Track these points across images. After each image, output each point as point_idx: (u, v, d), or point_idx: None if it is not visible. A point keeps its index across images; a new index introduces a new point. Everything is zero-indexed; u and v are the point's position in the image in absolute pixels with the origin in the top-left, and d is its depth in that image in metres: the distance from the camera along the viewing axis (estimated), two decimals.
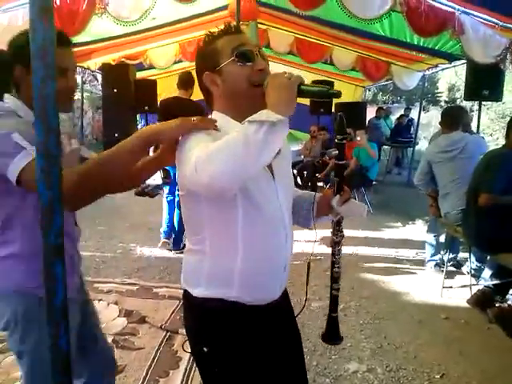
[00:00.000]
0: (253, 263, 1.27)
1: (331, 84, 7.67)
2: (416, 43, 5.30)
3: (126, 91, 7.90)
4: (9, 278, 1.39)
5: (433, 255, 4.30)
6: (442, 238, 4.29)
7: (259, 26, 6.59)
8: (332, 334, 1.56)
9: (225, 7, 5.66)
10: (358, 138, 6.63)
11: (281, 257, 1.34)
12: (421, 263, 4.48)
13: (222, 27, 1.32)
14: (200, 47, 1.35)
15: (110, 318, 3.19)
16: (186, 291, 1.35)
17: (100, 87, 11.01)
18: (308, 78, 8.75)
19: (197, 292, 1.30)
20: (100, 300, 3.46)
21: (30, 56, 1.22)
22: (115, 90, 7.80)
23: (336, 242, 1.49)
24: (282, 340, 1.44)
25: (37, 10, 0.92)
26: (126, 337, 2.94)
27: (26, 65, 1.22)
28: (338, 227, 1.48)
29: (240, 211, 1.22)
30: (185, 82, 4.47)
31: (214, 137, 1.16)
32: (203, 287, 1.29)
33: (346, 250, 4.80)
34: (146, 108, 7.59)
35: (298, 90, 1.14)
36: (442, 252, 4.31)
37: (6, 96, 1.39)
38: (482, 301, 3.41)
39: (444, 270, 3.85)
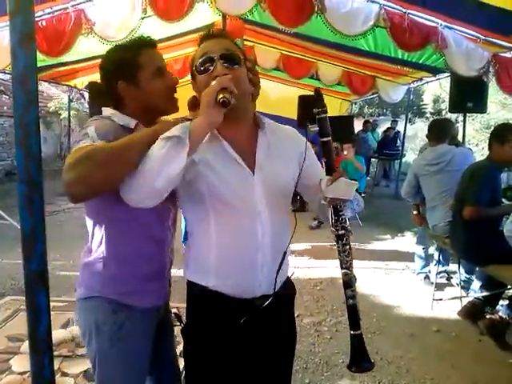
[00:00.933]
0: (225, 258, 1.32)
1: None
2: (400, 57, 5.37)
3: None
4: (92, 283, 1.43)
5: (422, 267, 4.31)
6: (432, 250, 4.31)
7: (245, 42, 6.66)
8: (356, 358, 1.31)
9: (211, 25, 5.71)
10: (345, 152, 6.66)
11: (254, 254, 1.31)
12: (411, 275, 4.49)
13: (201, 36, 1.37)
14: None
15: None
16: None
17: (87, 105, 11.02)
18: (294, 92, 8.85)
19: (187, 274, 1.41)
20: None
21: (131, 69, 1.36)
22: (102, 108, 7.80)
23: (338, 235, 1.29)
24: (266, 342, 1.41)
25: (18, 36, 0.92)
26: None
27: (128, 78, 1.36)
28: (336, 216, 1.27)
29: (208, 205, 1.30)
30: (194, 104, 4.53)
31: None
32: (190, 271, 1.39)
33: (336, 263, 4.79)
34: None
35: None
36: (431, 264, 4.33)
37: (103, 109, 1.48)
38: (472, 312, 3.42)
39: (434, 282, 3.86)
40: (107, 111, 1.45)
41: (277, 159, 1.35)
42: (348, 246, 1.30)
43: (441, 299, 3.87)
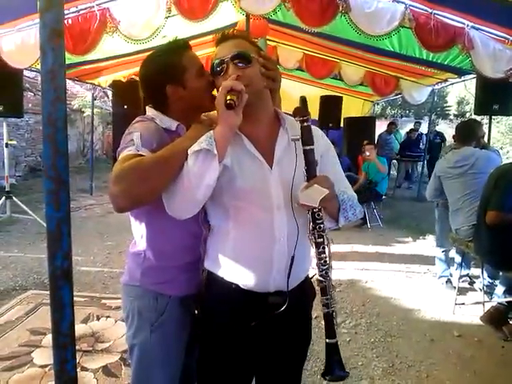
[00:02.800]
0: (241, 251, 1.35)
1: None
2: (425, 58, 5.30)
3: (136, 107, 8.00)
4: (135, 273, 1.51)
5: (444, 271, 4.24)
6: (452, 253, 4.23)
7: (268, 42, 6.66)
8: (331, 366, 1.31)
9: (234, 25, 5.72)
10: (367, 154, 6.61)
11: (271, 248, 1.32)
12: (432, 279, 4.43)
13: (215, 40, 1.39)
14: None
15: (117, 335, 3.16)
16: None
17: (110, 103, 11.17)
18: (316, 93, 8.81)
19: (205, 264, 1.44)
20: (108, 317, 3.44)
21: (178, 72, 1.41)
22: (125, 107, 7.91)
23: (316, 243, 1.29)
24: (278, 340, 1.42)
25: (47, 33, 0.92)
26: None
27: (176, 81, 1.41)
28: (314, 223, 1.28)
29: (226, 200, 1.32)
30: None
31: None
32: (209, 261, 1.43)
33: (355, 265, 4.78)
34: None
35: None
36: (452, 267, 4.26)
37: (147, 108, 1.52)
38: (495, 318, 3.35)
39: (456, 286, 3.79)
40: (150, 111, 1.50)
41: (296, 156, 1.34)
42: (325, 254, 1.30)
43: (463, 304, 3.80)
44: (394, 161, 11.24)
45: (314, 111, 8.25)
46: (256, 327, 1.36)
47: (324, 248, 1.30)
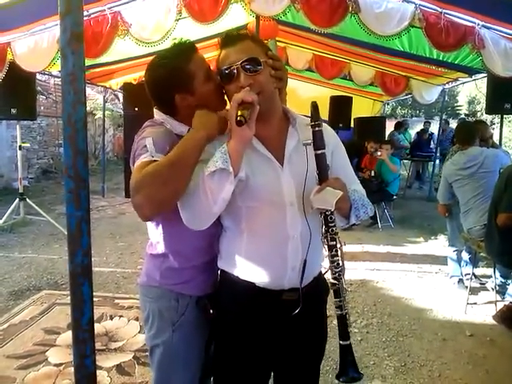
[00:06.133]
0: (255, 250, 1.37)
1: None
2: (435, 58, 5.27)
3: (147, 109, 8.04)
4: (153, 274, 1.53)
5: (455, 270, 4.22)
6: (464, 253, 4.21)
7: (278, 44, 6.66)
8: (345, 368, 1.33)
9: (244, 26, 5.74)
10: (379, 153, 6.59)
11: (284, 245, 1.34)
12: (444, 279, 4.41)
13: (220, 41, 1.39)
14: None
15: (130, 334, 3.20)
16: None
17: (121, 106, 11.24)
18: (326, 93, 8.80)
19: (220, 263, 1.47)
20: (120, 316, 3.48)
21: (186, 81, 1.39)
22: (136, 109, 7.97)
23: (329, 246, 1.30)
24: (294, 338, 1.43)
25: (68, 36, 0.95)
26: (147, 353, 2.93)
27: (185, 90, 1.39)
28: (326, 227, 1.29)
29: (239, 200, 1.32)
30: None
31: None
32: (223, 260, 1.45)
33: (367, 265, 4.77)
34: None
35: None
36: (463, 267, 4.24)
37: (155, 111, 1.52)
38: (508, 317, 3.34)
39: (468, 286, 3.78)
40: (159, 115, 1.49)
41: (307, 160, 1.34)
42: (338, 257, 1.31)
43: (475, 303, 3.78)
44: (405, 160, 11.17)
45: (324, 112, 8.25)
46: (272, 324, 1.38)
47: (337, 251, 1.30)
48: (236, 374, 1.44)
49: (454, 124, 13.18)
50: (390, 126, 10.95)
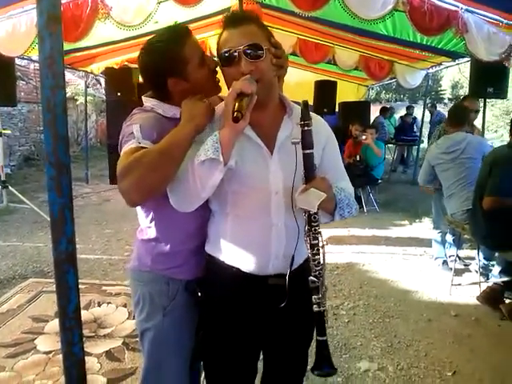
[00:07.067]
0: (239, 235, 1.38)
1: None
2: (419, 42, 5.27)
3: (130, 94, 7.95)
4: (145, 259, 1.54)
5: (440, 253, 4.29)
6: (449, 235, 4.28)
7: None
8: (320, 362, 1.35)
9: (227, 9, 5.66)
10: (364, 137, 6.61)
11: (268, 231, 1.35)
12: (429, 261, 4.48)
13: (224, 19, 1.33)
14: None
15: (119, 320, 3.20)
16: None
17: (103, 91, 11.07)
18: (311, 78, 8.77)
19: (207, 248, 1.48)
20: (109, 303, 3.48)
21: (179, 66, 1.36)
22: (119, 94, 7.85)
23: (311, 244, 1.30)
24: (282, 322, 1.44)
25: (45, 19, 0.92)
26: (137, 339, 2.92)
27: (178, 74, 1.37)
28: (309, 226, 1.29)
29: (226, 184, 1.31)
30: None
31: None
32: (210, 245, 1.46)
33: (353, 248, 4.82)
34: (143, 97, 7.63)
35: None
36: (448, 249, 4.31)
37: (144, 99, 1.51)
38: (491, 297, 3.40)
39: (452, 267, 3.84)
40: (149, 102, 1.47)
41: (296, 158, 1.32)
42: (319, 256, 1.31)
43: (459, 284, 3.86)
44: (389, 145, 11.24)
45: (309, 96, 8.22)
46: (259, 309, 1.39)
47: (318, 250, 1.30)
48: (225, 356, 1.45)
49: (440, 108, 13.28)
50: (374, 111, 10.98)
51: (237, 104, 1.17)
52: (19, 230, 5.53)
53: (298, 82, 8.76)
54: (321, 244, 1.30)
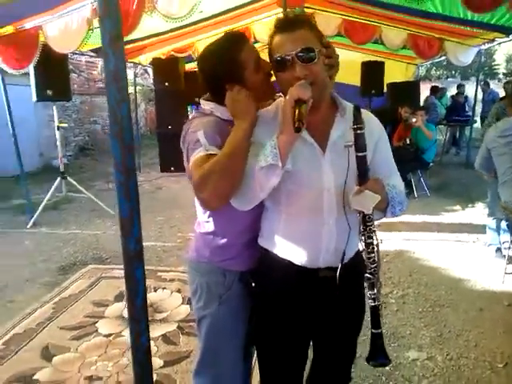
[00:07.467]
0: (291, 231, 1.44)
1: None
2: (470, 19, 5.06)
3: (177, 84, 8.11)
4: (203, 251, 1.64)
5: (494, 239, 4.17)
6: (503, 223, 4.14)
7: (306, 10, 6.52)
8: (375, 353, 1.41)
9: None
10: (414, 120, 6.43)
11: (319, 228, 1.40)
12: (482, 248, 4.37)
13: (276, 22, 1.36)
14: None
15: (174, 305, 3.36)
16: None
17: (151, 80, 11.32)
18: (358, 58, 8.59)
19: (260, 241, 1.54)
20: (164, 288, 3.64)
21: (237, 72, 1.43)
22: (166, 84, 8.02)
23: (366, 243, 1.35)
24: (333, 313, 1.50)
25: (108, 38, 1.00)
26: (191, 323, 3.06)
27: (235, 80, 1.43)
28: (364, 225, 1.34)
29: (280, 183, 1.33)
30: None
31: None
32: (264, 238, 1.53)
33: (403, 235, 4.77)
34: (197, 99, 7.72)
35: None
36: (502, 236, 4.17)
37: (202, 102, 1.58)
38: None
39: (506, 255, 3.73)
40: (207, 105, 1.54)
41: (349, 160, 1.34)
42: (374, 254, 1.35)
43: None
44: (440, 125, 10.86)
45: (356, 78, 8.07)
46: (310, 300, 1.46)
47: (373, 248, 1.35)
48: (277, 343, 1.54)
49: (493, 85, 12.65)
50: (424, 89, 10.60)
51: (297, 112, 1.20)
52: (78, 218, 5.83)
53: (345, 63, 8.51)
54: (375, 242, 1.34)
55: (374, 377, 2.48)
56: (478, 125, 11.07)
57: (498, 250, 4.10)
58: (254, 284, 1.61)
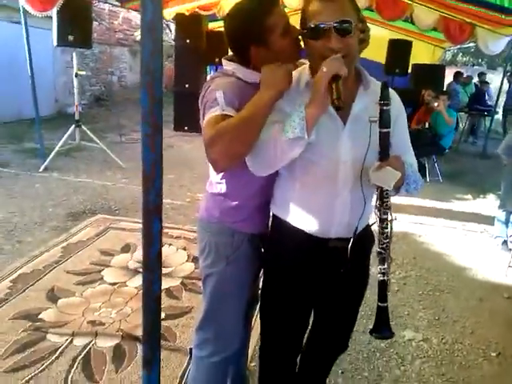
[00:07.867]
0: (305, 201, 1.45)
1: None
2: (507, 6, 4.89)
3: (198, 42, 7.98)
4: (213, 212, 1.63)
5: (502, 232, 4.17)
6: None
7: None
8: (379, 326, 1.44)
9: None
10: (436, 104, 6.33)
11: (333, 200, 1.40)
12: (488, 239, 4.37)
13: None
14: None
15: (178, 262, 3.42)
16: None
17: (172, 36, 11.14)
18: (385, 35, 8.38)
19: (273, 208, 1.57)
20: (170, 245, 3.70)
21: (262, 34, 1.39)
22: (188, 41, 7.90)
23: (381, 218, 1.36)
24: (337, 282, 1.52)
25: None
26: (194, 281, 3.12)
27: (260, 43, 1.41)
28: (381, 201, 1.34)
29: None
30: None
31: None
32: (276, 206, 1.55)
33: (411, 218, 4.78)
34: (217, 60, 7.61)
35: None
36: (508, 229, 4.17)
37: (224, 62, 1.54)
38: None
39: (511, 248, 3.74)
40: (229, 65, 1.51)
41: (370, 135, 1.33)
42: (387, 229, 1.36)
43: None
44: (461, 113, 10.67)
45: (381, 55, 7.89)
46: (317, 268, 1.48)
47: (387, 224, 1.36)
48: (281, 308, 1.58)
49: None
50: (448, 74, 10.37)
51: (334, 89, 1.19)
52: (89, 167, 5.88)
53: (372, 39, 8.40)
54: (389, 218, 1.35)
55: (369, 351, 2.53)
56: (499, 116, 10.86)
57: (505, 242, 4.11)
58: (263, 249, 1.63)
